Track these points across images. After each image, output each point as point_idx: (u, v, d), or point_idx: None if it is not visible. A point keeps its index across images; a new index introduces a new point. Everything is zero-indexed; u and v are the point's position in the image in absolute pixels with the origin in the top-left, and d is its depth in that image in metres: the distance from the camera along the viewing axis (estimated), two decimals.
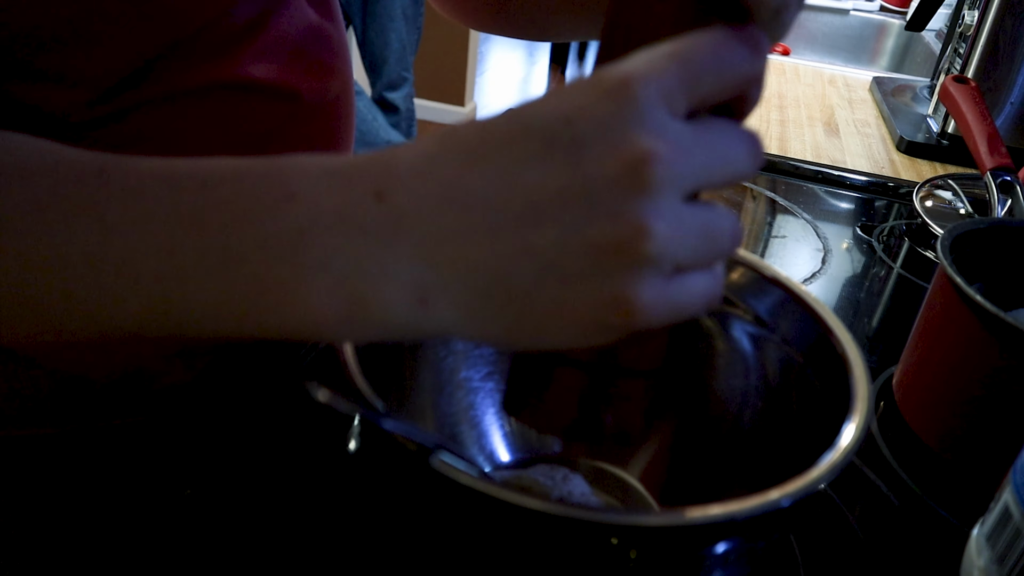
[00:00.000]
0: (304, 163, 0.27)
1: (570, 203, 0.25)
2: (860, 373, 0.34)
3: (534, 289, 0.25)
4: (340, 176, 0.26)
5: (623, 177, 0.24)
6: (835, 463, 0.30)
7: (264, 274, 0.26)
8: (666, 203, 0.25)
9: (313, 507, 0.42)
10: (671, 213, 0.25)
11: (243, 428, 0.47)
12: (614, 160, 0.24)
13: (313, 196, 0.26)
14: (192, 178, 0.28)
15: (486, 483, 0.27)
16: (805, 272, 0.72)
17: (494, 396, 0.45)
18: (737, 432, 0.41)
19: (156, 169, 0.29)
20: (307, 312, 0.26)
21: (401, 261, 0.25)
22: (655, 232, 0.24)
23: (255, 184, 0.27)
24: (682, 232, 0.25)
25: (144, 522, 0.40)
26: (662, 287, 0.25)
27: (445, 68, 3.46)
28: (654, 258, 0.25)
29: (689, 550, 0.29)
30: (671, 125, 0.25)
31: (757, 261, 0.42)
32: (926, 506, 0.47)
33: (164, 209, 0.28)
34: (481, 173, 0.25)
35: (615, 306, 0.25)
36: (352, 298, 0.26)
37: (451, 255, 0.25)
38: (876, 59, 1.76)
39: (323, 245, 0.26)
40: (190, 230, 0.27)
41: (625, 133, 0.24)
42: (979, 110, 0.83)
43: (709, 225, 0.26)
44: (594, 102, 0.25)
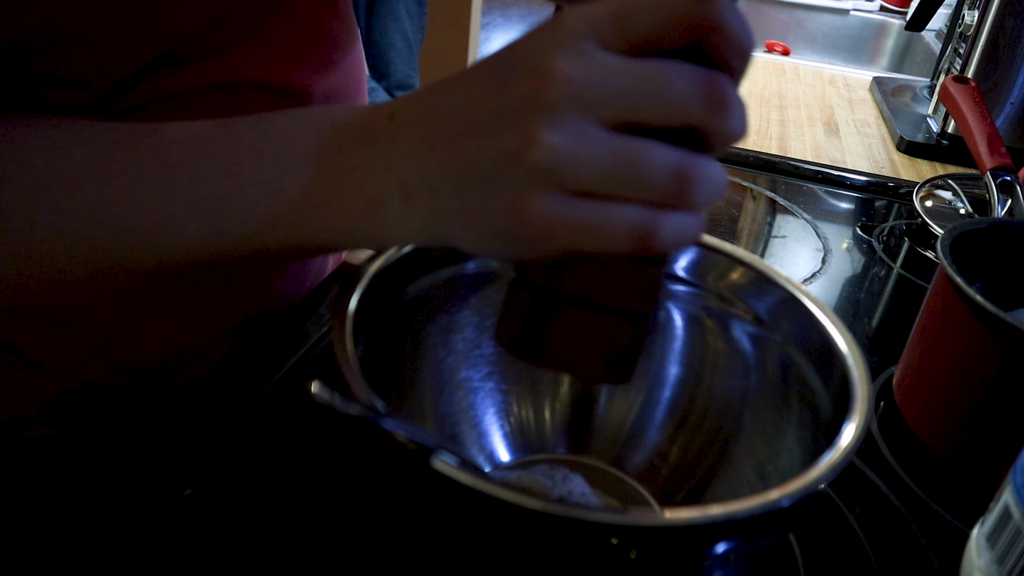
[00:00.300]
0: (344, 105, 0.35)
1: (493, 116, 0.28)
2: (860, 373, 0.34)
3: (463, 189, 0.29)
4: (371, 108, 0.32)
5: (531, 93, 0.27)
6: (835, 463, 0.30)
7: (310, 181, 0.32)
8: (568, 120, 0.27)
9: (313, 507, 0.42)
10: (573, 131, 0.27)
11: (243, 428, 0.47)
12: (529, 79, 0.27)
13: (351, 122, 0.32)
14: (246, 118, 0.34)
15: (486, 483, 0.27)
16: (805, 272, 0.72)
17: (494, 396, 0.45)
18: (737, 432, 0.41)
19: (206, 124, 0.34)
20: (339, 211, 0.32)
21: (397, 163, 0.31)
22: (544, 142, 0.27)
23: (306, 116, 0.34)
24: (587, 152, 0.27)
25: (144, 522, 0.40)
26: (560, 202, 0.27)
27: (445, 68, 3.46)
28: (547, 169, 0.27)
29: (689, 550, 0.29)
30: (595, 54, 0.27)
31: (757, 261, 0.42)
32: (926, 506, 0.47)
33: (221, 144, 0.34)
34: (449, 95, 0.30)
35: (512, 211, 0.28)
36: (369, 197, 0.31)
37: (424, 159, 0.30)
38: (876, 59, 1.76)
39: (353, 155, 0.32)
40: (248, 154, 0.33)
41: (545, 58, 0.27)
42: (979, 110, 0.83)
43: (638, 155, 0.27)
44: (533, 35, 0.28)
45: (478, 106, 0.29)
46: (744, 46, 0.28)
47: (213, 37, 0.43)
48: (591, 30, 0.27)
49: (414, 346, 0.42)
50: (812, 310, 0.38)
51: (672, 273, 0.43)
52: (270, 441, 0.46)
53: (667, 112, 0.27)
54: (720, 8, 0.27)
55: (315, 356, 0.53)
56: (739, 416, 0.42)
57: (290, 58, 0.48)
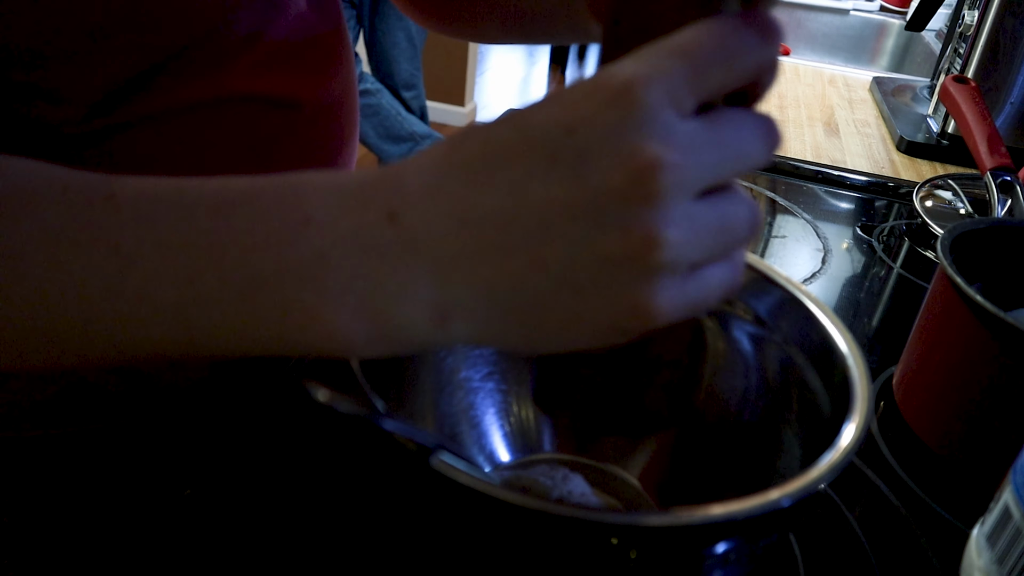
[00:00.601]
0: (315, 182, 0.27)
1: (578, 216, 0.24)
2: (860, 373, 0.34)
3: (548, 302, 0.25)
4: (353, 197, 0.27)
5: (629, 188, 0.24)
6: (835, 463, 0.30)
7: (287, 299, 0.27)
8: (676, 209, 0.24)
9: (313, 507, 0.42)
10: (682, 217, 0.25)
11: (243, 428, 0.47)
12: (619, 170, 0.24)
13: (329, 219, 0.26)
14: (203, 203, 0.28)
15: (486, 483, 0.27)
16: (805, 272, 0.72)
17: (494, 396, 0.45)
18: (737, 432, 0.41)
19: (165, 193, 0.29)
20: (335, 333, 0.27)
21: (418, 281, 0.26)
22: (666, 240, 0.24)
23: (269, 208, 0.27)
24: (695, 233, 0.25)
25: (144, 522, 0.40)
26: (679, 288, 0.26)
27: (445, 68, 3.46)
28: (668, 265, 0.25)
29: (689, 550, 0.29)
30: (678, 127, 0.24)
31: (757, 261, 0.42)
32: (926, 506, 0.47)
33: (179, 237, 0.28)
34: (487, 190, 0.25)
35: (632, 313, 0.25)
36: (376, 318, 0.26)
37: (465, 274, 0.25)
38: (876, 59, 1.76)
39: (344, 268, 0.26)
40: (209, 258, 0.27)
41: (629, 141, 0.24)
42: (979, 110, 0.83)
43: (724, 218, 0.26)
44: (596, 110, 0.24)
45: (547, 205, 0.25)
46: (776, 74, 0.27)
47: (205, 51, 0.42)
48: (669, 98, 0.24)
49: None
50: (812, 310, 0.38)
51: None
52: (270, 441, 0.46)
53: (746, 168, 0.27)
54: (776, 48, 0.26)
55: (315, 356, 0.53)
56: (739, 416, 0.41)
57: (284, 69, 0.47)
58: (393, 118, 2.53)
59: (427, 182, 0.26)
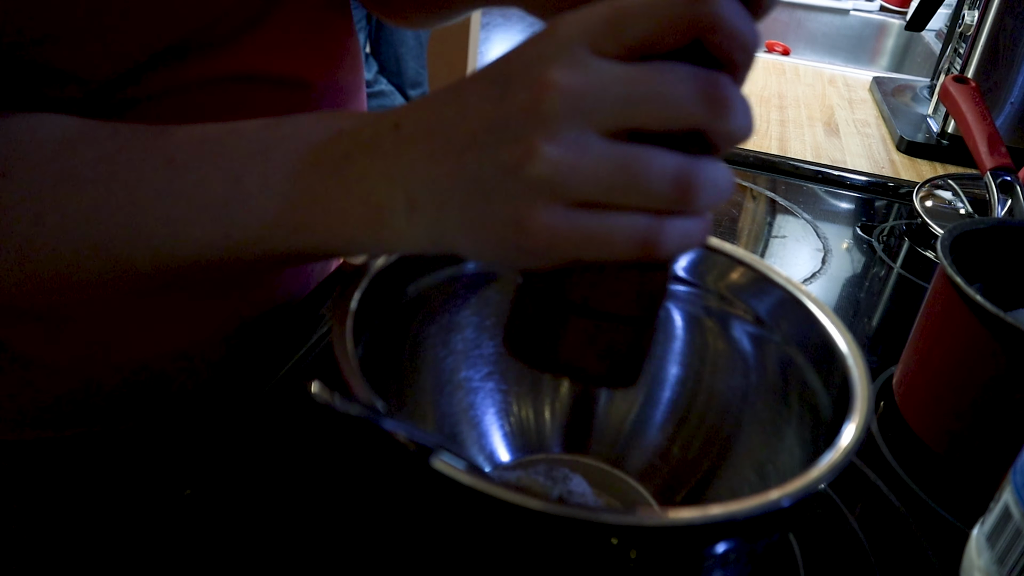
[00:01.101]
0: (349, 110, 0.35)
1: (492, 129, 0.28)
2: (860, 373, 0.34)
3: (465, 202, 0.29)
4: (375, 115, 0.32)
5: (529, 105, 0.27)
6: (835, 463, 0.30)
7: (317, 187, 0.32)
8: (566, 131, 0.26)
9: (313, 507, 0.42)
10: (570, 141, 0.26)
11: (243, 428, 0.47)
12: (526, 91, 0.27)
13: (355, 130, 0.32)
14: (252, 122, 0.34)
15: (486, 483, 0.27)
16: (805, 272, 0.72)
17: (494, 396, 0.45)
18: (737, 432, 0.41)
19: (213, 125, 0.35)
20: (345, 218, 0.32)
21: (403, 174, 0.31)
22: (543, 154, 0.26)
23: (312, 122, 0.34)
24: (586, 163, 0.26)
25: (144, 522, 0.40)
26: (562, 214, 0.27)
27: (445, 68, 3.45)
28: (544, 180, 0.27)
29: (689, 550, 0.29)
30: (590, 61, 0.27)
31: (757, 261, 0.42)
32: (926, 506, 0.47)
33: (228, 147, 0.34)
34: (449, 106, 0.30)
35: (514, 224, 0.28)
36: (375, 205, 0.31)
37: (428, 171, 0.30)
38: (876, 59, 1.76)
39: (361, 164, 0.31)
40: (255, 158, 0.33)
41: (541, 67, 0.27)
42: (979, 110, 0.83)
43: (633, 162, 0.27)
44: (528, 42, 0.28)
45: (477, 118, 0.29)
46: (747, 41, 0.27)
47: (213, 32, 0.43)
48: (586, 37, 0.27)
49: (414, 346, 0.42)
50: (812, 310, 0.38)
51: (672, 273, 0.43)
52: (270, 441, 0.46)
53: (667, 116, 0.27)
54: (717, 5, 0.26)
55: (315, 356, 0.53)
56: (739, 416, 0.41)
57: (291, 51, 0.48)
58: None
59: (423, 101, 0.31)
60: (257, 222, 0.33)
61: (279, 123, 0.34)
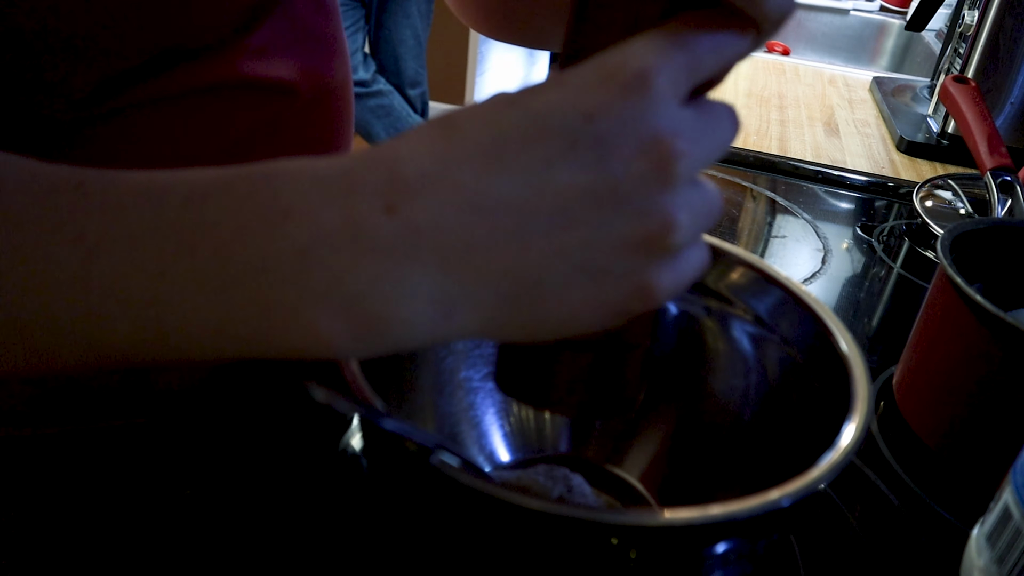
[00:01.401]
0: (292, 170, 0.25)
1: (600, 202, 0.25)
2: (860, 373, 0.34)
3: (565, 289, 0.25)
4: (338, 187, 0.24)
5: (651, 174, 0.25)
6: (835, 463, 0.30)
7: (266, 298, 0.25)
8: (686, 193, 0.26)
9: (313, 507, 0.42)
10: (689, 202, 0.26)
11: (243, 428, 0.47)
12: (642, 158, 0.25)
13: (310, 211, 0.24)
14: (175, 192, 0.26)
15: (486, 483, 0.27)
16: (805, 272, 0.72)
17: (494, 396, 0.45)
18: (737, 432, 0.41)
19: (136, 183, 0.26)
20: (318, 335, 0.25)
21: (422, 277, 0.24)
22: (680, 224, 0.25)
23: (243, 200, 0.25)
24: (695, 216, 0.26)
25: (144, 522, 0.40)
26: (676, 269, 0.27)
27: (445, 68, 3.46)
28: (679, 247, 0.26)
29: (689, 550, 0.29)
30: (684, 115, 0.25)
31: (757, 261, 0.42)
32: (926, 506, 0.47)
33: (148, 227, 0.26)
34: (502, 177, 0.24)
35: (639, 294, 0.26)
36: (368, 319, 0.24)
37: (479, 264, 0.24)
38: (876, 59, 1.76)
39: (330, 266, 0.24)
40: (180, 251, 0.25)
41: (649, 129, 0.25)
42: (979, 110, 0.83)
43: (709, 202, 0.27)
44: (614, 97, 0.24)
45: (568, 191, 0.24)
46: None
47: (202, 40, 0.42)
48: (674, 87, 0.25)
49: None
50: (812, 310, 0.38)
51: None
52: (270, 441, 0.46)
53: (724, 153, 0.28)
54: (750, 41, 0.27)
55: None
56: (739, 416, 0.41)
57: (279, 57, 0.48)
58: (404, 119, 2.54)
59: (428, 169, 0.24)
60: (196, 328, 0.26)
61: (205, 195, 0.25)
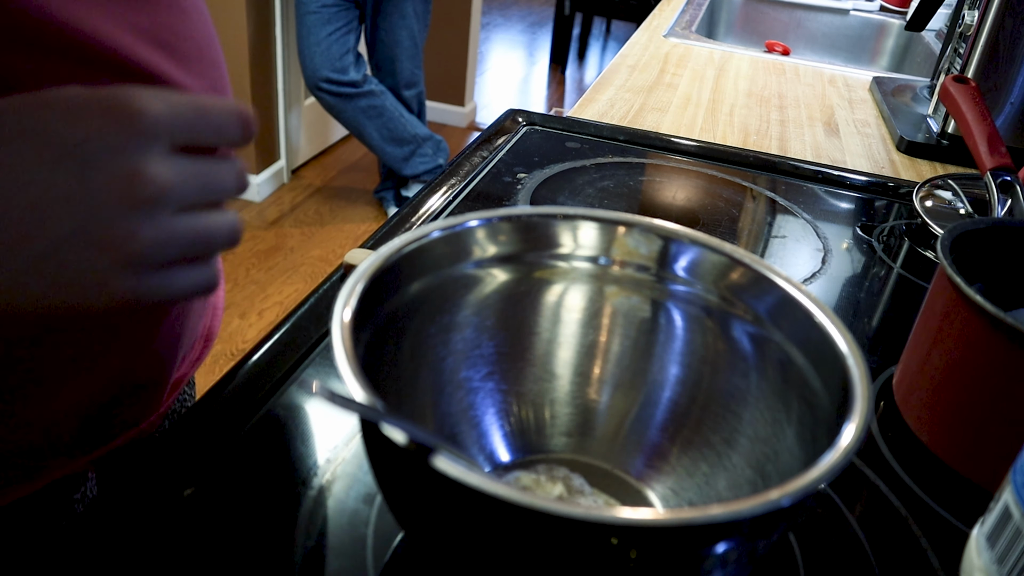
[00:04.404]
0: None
1: (74, 209, 0.31)
2: (860, 373, 0.34)
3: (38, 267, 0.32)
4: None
5: (126, 195, 0.32)
6: (835, 463, 0.30)
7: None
8: (159, 217, 0.33)
9: (313, 506, 0.42)
10: (163, 224, 0.33)
11: (243, 428, 0.47)
12: (120, 180, 0.31)
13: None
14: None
15: (486, 482, 0.27)
16: (805, 272, 0.72)
17: (494, 396, 0.45)
18: (737, 432, 0.41)
19: None
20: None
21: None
22: (143, 239, 0.32)
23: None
24: (173, 237, 0.34)
25: (144, 522, 0.40)
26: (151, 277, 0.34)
27: (445, 68, 3.46)
28: (144, 257, 0.33)
29: (689, 550, 0.29)
30: (169, 157, 0.33)
31: (757, 261, 0.42)
32: (926, 506, 0.47)
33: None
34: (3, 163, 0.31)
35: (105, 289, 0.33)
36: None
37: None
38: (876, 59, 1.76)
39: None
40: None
41: (129, 160, 0.32)
42: (979, 110, 0.83)
43: (201, 229, 0.35)
44: (107, 127, 0.31)
45: (47, 192, 0.31)
46: None
47: None
48: (167, 135, 0.33)
49: (414, 346, 0.42)
50: (812, 310, 0.38)
51: (673, 273, 0.44)
52: (270, 441, 0.46)
53: (225, 193, 0.36)
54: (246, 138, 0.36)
55: (315, 356, 0.53)
56: (739, 416, 0.42)
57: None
58: (396, 120, 2.54)
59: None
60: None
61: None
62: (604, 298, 0.45)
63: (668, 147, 0.95)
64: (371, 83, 2.50)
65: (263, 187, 2.80)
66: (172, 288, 0.35)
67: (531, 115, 0.98)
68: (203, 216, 0.35)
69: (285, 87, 2.78)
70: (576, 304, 0.45)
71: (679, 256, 0.43)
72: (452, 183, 0.80)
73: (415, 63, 2.58)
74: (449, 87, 3.51)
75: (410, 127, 2.57)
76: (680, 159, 0.93)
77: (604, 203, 0.80)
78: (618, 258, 0.44)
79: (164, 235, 0.33)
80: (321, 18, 2.36)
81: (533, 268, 0.44)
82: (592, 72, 4.55)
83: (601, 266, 0.45)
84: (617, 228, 0.44)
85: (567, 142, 0.93)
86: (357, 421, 0.44)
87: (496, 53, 4.72)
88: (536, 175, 0.84)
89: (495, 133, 0.94)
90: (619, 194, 0.83)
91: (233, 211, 0.37)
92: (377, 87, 2.51)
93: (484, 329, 0.44)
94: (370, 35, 2.51)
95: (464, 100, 3.54)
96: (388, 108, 2.52)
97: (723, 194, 0.86)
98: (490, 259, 0.43)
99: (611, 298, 0.45)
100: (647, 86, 1.19)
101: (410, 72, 2.58)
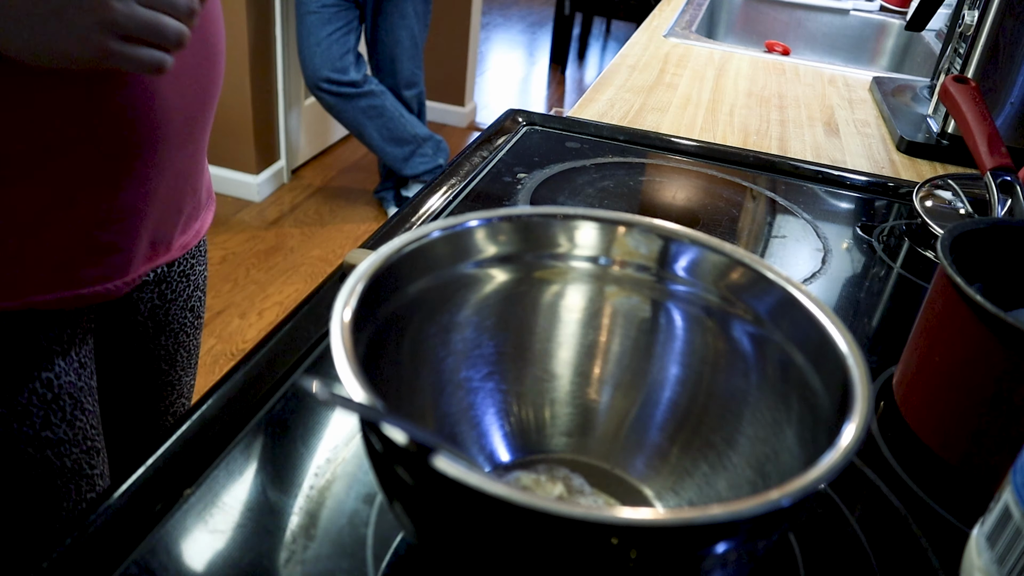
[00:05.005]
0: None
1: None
2: (860, 373, 0.34)
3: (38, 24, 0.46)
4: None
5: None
6: (835, 463, 0.30)
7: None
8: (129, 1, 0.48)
9: (312, 506, 0.42)
10: (130, 5, 0.48)
11: (243, 428, 0.47)
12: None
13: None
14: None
15: (486, 482, 0.27)
16: (805, 272, 0.72)
17: (494, 396, 0.45)
18: (737, 432, 0.41)
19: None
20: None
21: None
22: (117, 9, 0.47)
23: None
24: (135, 16, 0.48)
25: (144, 522, 0.40)
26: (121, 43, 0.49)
27: (445, 68, 3.46)
28: (115, 25, 0.48)
29: (689, 550, 0.29)
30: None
31: (757, 261, 0.42)
32: (926, 506, 0.47)
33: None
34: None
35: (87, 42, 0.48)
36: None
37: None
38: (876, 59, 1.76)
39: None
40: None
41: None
42: (979, 110, 0.83)
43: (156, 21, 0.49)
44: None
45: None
46: None
47: None
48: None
49: (414, 346, 0.42)
50: (812, 310, 0.38)
51: (673, 273, 0.44)
52: (270, 441, 0.46)
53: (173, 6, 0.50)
54: None
55: (315, 356, 0.53)
56: (739, 416, 0.42)
57: None
58: (396, 120, 2.54)
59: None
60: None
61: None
62: (604, 298, 0.45)
63: (668, 147, 0.95)
64: (371, 83, 2.50)
65: (263, 187, 2.80)
66: (132, 56, 0.49)
67: (531, 115, 0.98)
68: (160, 15, 0.49)
69: (285, 87, 2.78)
70: (576, 304, 0.45)
71: (679, 256, 0.43)
72: (452, 183, 0.80)
73: (415, 63, 2.58)
74: (449, 87, 3.51)
75: (410, 127, 2.57)
76: (680, 159, 0.93)
77: (604, 203, 0.80)
78: (618, 258, 0.44)
79: (130, 11, 0.47)
80: (321, 18, 2.36)
81: (533, 268, 0.44)
82: (592, 72, 4.55)
83: (601, 266, 0.45)
84: (617, 228, 0.44)
85: (567, 142, 0.93)
86: (357, 421, 0.44)
87: (496, 53, 4.72)
88: (536, 175, 0.84)
89: (495, 133, 0.94)
90: (619, 194, 0.83)
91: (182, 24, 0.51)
92: (377, 87, 2.51)
93: (484, 329, 0.44)
94: (370, 35, 2.52)
95: (464, 100, 3.54)
96: (388, 108, 2.52)
97: (723, 194, 0.86)
98: (490, 259, 0.43)
99: (611, 298, 0.45)
100: (647, 86, 1.19)
101: (410, 72, 2.58)
